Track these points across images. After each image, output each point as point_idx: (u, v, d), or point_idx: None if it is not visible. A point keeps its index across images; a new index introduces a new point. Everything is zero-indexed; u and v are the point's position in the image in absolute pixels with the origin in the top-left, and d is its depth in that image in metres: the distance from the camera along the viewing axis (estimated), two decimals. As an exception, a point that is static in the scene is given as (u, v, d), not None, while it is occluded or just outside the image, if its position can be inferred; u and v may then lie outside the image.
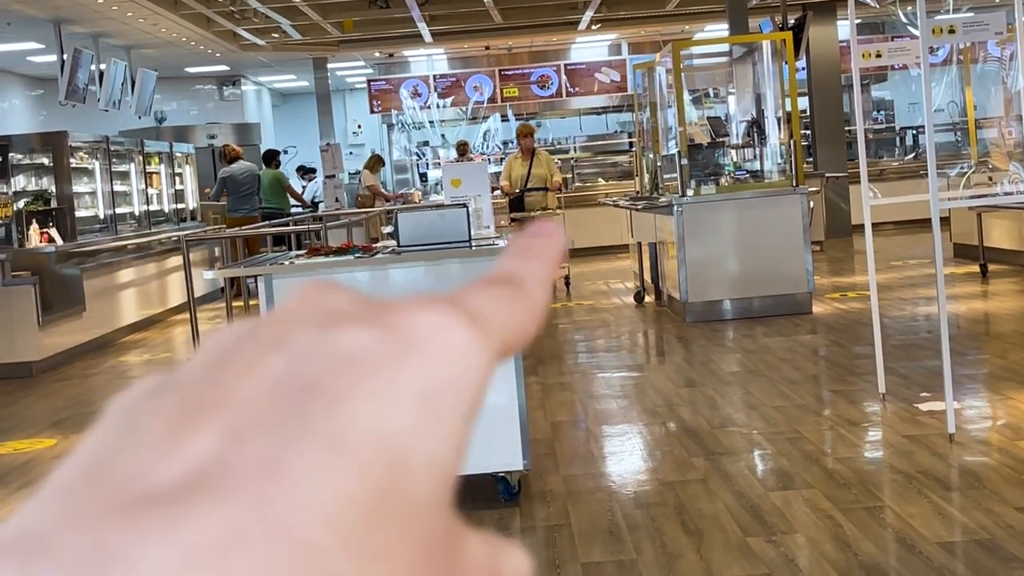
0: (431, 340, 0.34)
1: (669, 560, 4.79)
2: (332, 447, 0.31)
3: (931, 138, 6.49)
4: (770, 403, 7.42)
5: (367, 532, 0.31)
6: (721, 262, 11.18)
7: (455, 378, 0.34)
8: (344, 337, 0.34)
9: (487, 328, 0.36)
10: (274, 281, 5.68)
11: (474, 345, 0.35)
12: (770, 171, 12.48)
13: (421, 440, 0.33)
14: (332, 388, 0.32)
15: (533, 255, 0.40)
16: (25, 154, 13.69)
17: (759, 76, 13.18)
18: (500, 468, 5.72)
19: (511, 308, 0.38)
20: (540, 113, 23.66)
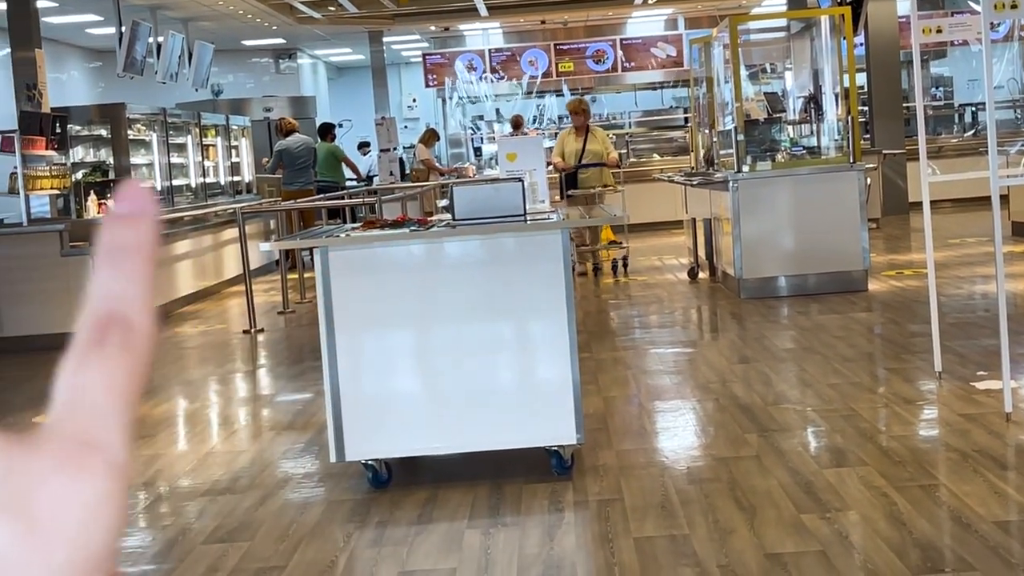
0: (69, 517, 0.36)
1: (722, 535, 4.79)
2: None
3: (991, 115, 6.42)
4: (824, 380, 7.39)
5: None
6: (776, 239, 11.12)
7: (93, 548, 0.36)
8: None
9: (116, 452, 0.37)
10: (330, 253, 5.71)
11: (109, 500, 0.36)
12: (827, 147, 12.40)
13: None
14: None
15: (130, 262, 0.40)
16: (84, 126, 13.82)
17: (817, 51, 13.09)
18: (553, 442, 5.73)
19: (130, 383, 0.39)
20: (595, 88, 23.58)
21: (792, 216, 11.13)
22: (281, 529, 5.28)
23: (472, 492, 5.60)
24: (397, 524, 5.26)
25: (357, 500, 5.64)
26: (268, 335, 11.21)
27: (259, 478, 6.15)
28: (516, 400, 5.78)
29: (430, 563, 4.76)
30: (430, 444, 5.89)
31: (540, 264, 5.75)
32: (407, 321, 5.83)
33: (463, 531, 5.10)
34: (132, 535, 5.44)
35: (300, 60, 24.53)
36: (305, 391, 8.25)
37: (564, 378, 5.72)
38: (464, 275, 5.87)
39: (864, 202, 11.19)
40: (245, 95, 22.67)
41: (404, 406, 5.79)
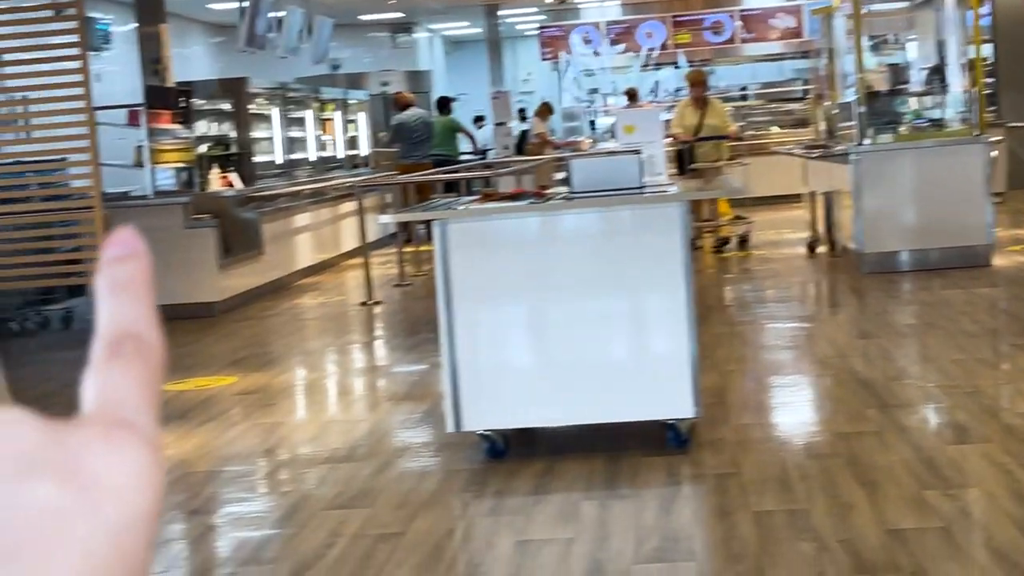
0: (113, 481, 0.38)
1: (842, 511, 4.74)
2: None
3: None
4: (947, 356, 7.27)
5: None
6: (898, 212, 10.94)
7: (137, 508, 0.38)
8: (38, 491, 0.37)
9: (144, 427, 0.39)
10: (449, 226, 5.74)
11: (148, 464, 0.38)
12: (951, 119, 12.15)
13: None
14: (35, 550, 0.36)
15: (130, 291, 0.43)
16: (207, 100, 14.03)
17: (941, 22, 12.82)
18: (670, 416, 5.72)
19: (147, 377, 0.41)
20: (713, 60, 23.35)
21: (914, 189, 10.94)
22: (400, 497, 5.34)
23: (588, 464, 5.61)
24: (514, 494, 5.30)
25: (474, 470, 5.68)
26: (385, 307, 11.31)
27: (377, 447, 6.22)
28: (633, 373, 5.77)
29: (547, 533, 4.79)
30: (546, 416, 5.91)
31: (657, 237, 5.73)
32: (524, 294, 5.85)
33: (580, 502, 5.12)
34: (254, 501, 5.55)
35: (417, 34, 24.65)
36: (421, 362, 8.32)
37: (681, 352, 5.70)
38: (581, 248, 5.87)
39: (989, 175, 10.96)
40: (362, 69, 22.83)
41: (521, 378, 5.82)
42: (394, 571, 4.46)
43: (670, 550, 4.50)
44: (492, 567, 4.48)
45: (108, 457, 0.38)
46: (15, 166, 11.63)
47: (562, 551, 4.56)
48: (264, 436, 6.57)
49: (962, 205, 10.81)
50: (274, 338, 9.97)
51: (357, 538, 4.85)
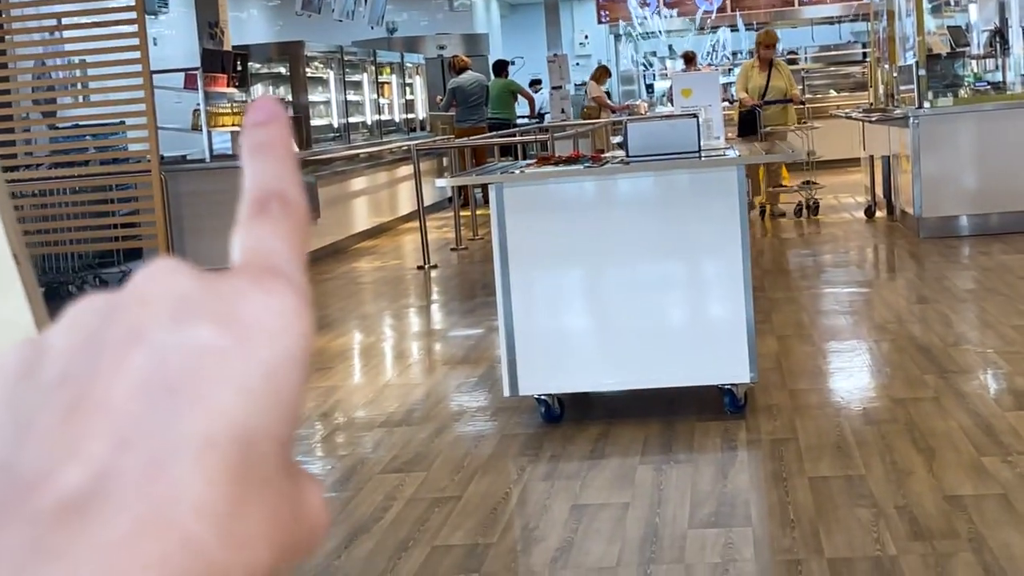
0: (267, 324, 0.39)
1: (900, 477, 4.72)
2: (201, 445, 0.37)
3: None
4: (1007, 322, 7.19)
5: (232, 514, 0.37)
6: (958, 176, 10.82)
7: (290, 351, 0.40)
8: (196, 331, 0.39)
9: (295, 278, 0.41)
10: (505, 189, 5.74)
11: (296, 308, 0.40)
12: (1012, 82, 12.00)
13: (268, 422, 0.39)
14: (194, 386, 0.38)
15: (273, 152, 0.44)
16: (263, 63, 14.07)
17: (1004, -17, 12.63)
18: (726, 381, 5.70)
19: (294, 234, 0.43)
20: (771, 22, 23.12)
21: (975, 153, 10.82)
22: (456, 461, 5.36)
23: (644, 429, 5.61)
24: (570, 459, 5.31)
25: (529, 434, 5.69)
26: (441, 271, 11.34)
27: (433, 411, 6.25)
28: (689, 338, 5.76)
29: (603, 497, 4.79)
30: (602, 380, 5.91)
31: (715, 201, 5.70)
32: (580, 258, 5.84)
33: (635, 467, 5.12)
34: (311, 464, 5.59)
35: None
36: (477, 327, 8.33)
37: (738, 316, 5.67)
38: (638, 212, 5.85)
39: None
40: (419, 33, 22.81)
41: (577, 342, 5.82)
42: (450, 534, 4.49)
43: (726, 515, 4.49)
44: (547, 531, 4.49)
45: (260, 301, 0.40)
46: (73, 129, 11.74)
47: (618, 515, 4.57)
48: (321, 400, 6.61)
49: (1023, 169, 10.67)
50: (331, 302, 10.02)
51: (413, 501, 4.88)
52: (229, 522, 0.37)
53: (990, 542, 4.02)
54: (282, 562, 0.39)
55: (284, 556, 0.39)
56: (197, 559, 0.36)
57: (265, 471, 0.39)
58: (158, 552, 0.35)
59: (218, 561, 0.37)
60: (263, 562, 0.38)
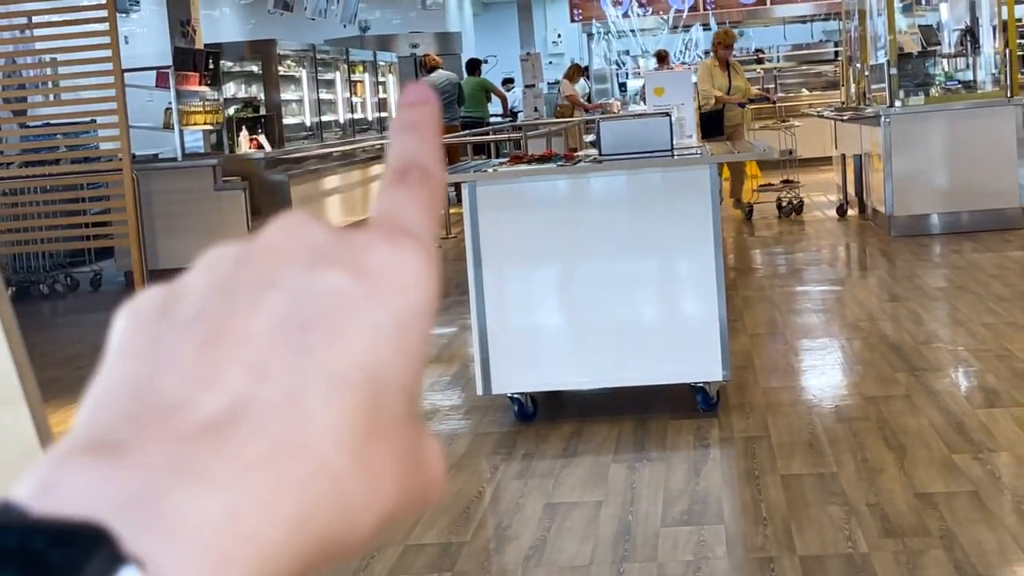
0: (396, 273, 0.41)
1: (871, 474, 4.74)
2: (333, 381, 0.39)
3: None
4: (978, 319, 7.23)
5: (363, 449, 0.39)
6: (929, 175, 10.88)
7: (418, 305, 0.41)
8: (328, 277, 0.40)
9: (425, 240, 0.43)
10: (478, 188, 5.73)
11: (425, 266, 0.42)
12: (983, 81, 12.07)
13: (395, 368, 0.40)
14: (326, 327, 0.39)
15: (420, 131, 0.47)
16: (235, 62, 14.02)
17: (974, -18, 12.70)
18: (699, 379, 5.72)
19: (428, 202, 0.44)
20: (743, 21, 23.21)
21: (946, 152, 10.87)
22: (429, 460, 5.35)
23: (617, 427, 5.61)
24: (543, 457, 5.31)
25: (503, 433, 5.69)
26: (414, 269, 11.30)
27: (407, 410, 6.23)
28: (662, 336, 5.77)
29: (576, 496, 4.80)
30: (576, 379, 5.91)
31: (687, 200, 5.71)
32: (553, 256, 5.84)
33: (608, 465, 5.13)
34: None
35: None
36: (451, 325, 8.33)
37: (710, 315, 5.69)
38: (611, 210, 5.85)
39: (1021, 138, 10.88)
40: (392, 31, 22.78)
41: (550, 341, 5.82)
42: (423, 533, 4.49)
43: (698, 513, 4.50)
44: (521, 530, 4.50)
45: (392, 255, 0.42)
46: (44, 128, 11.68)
47: (591, 514, 4.57)
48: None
49: (993, 168, 10.74)
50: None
51: (386, 500, 4.86)
52: (361, 455, 0.39)
53: (961, 539, 4.05)
54: (404, 509, 0.41)
55: (407, 502, 0.41)
56: (332, 485, 0.38)
57: (392, 415, 0.40)
58: (295, 474, 0.37)
59: (351, 491, 0.38)
60: (390, 501, 0.40)
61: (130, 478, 0.36)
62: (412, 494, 0.41)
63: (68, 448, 0.37)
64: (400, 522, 0.42)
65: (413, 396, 0.42)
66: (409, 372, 0.41)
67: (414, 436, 0.42)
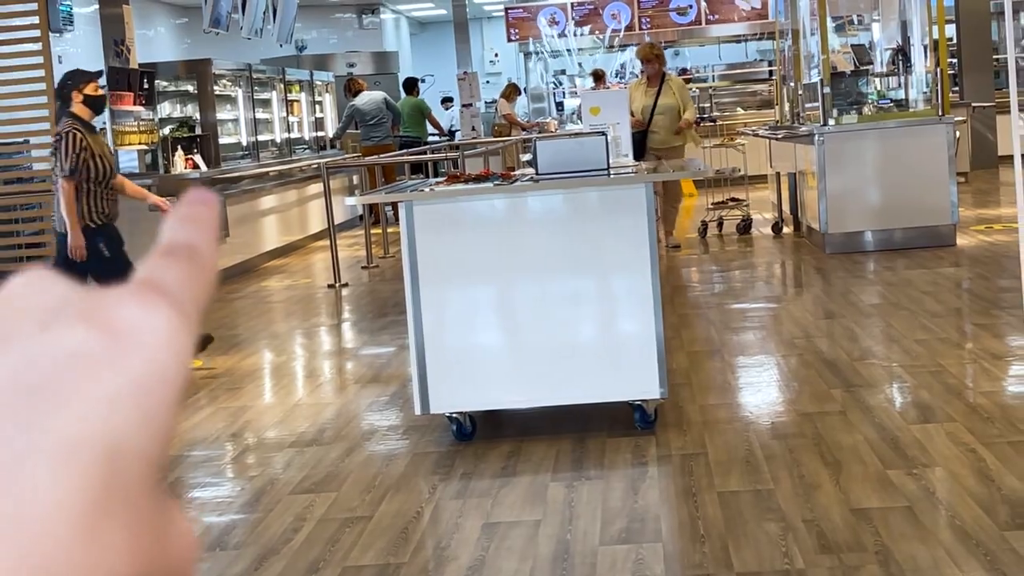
0: (141, 333, 0.38)
1: (807, 490, 4.77)
2: (64, 450, 0.36)
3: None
4: (911, 336, 7.31)
5: (95, 522, 0.36)
6: (862, 193, 10.99)
7: (165, 369, 0.39)
8: (65, 336, 0.38)
9: (181, 303, 0.40)
10: (415, 207, 5.73)
11: (176, 327, 0.39)
12: (915, 100, 12.22)
13: (135, 435, 0.38)
14: (59, 391, 0.37)
15: (196, 222, 0.45)
16: (170, 81, 13.95)
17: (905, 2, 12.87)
18: (637, 396, 5.74)
19: (193, 276, 0.42)
20: (678, 41, 23.37)
21: (879, 170, 10.99)
22: (367, 480, 5.34)
23: (556, 446, 5.62)
24: (481, 476, 5.30)
25: (441, 452, 5.68)
26: (352, 289, 11.29)
27: (345, 430, 6.22)
28: (599, 354, 5.78)
29: (514, 515, 4.80)
30: (514, 398, 5.91)
31: (623, 218, 5.73)
32: (491, 275, 5.84)
33: (547, 484, 5.13)
34: (220, 485, 5.53)
35: (383, 15, 24.55)
36: (389, 345, 8.31)
37: (648, 332, 5.71)
38: (548, 229, 5.87)
39: (953, 156, 11.03)
40: (328, 50, 22.73)
41: (488, 360, 5.82)
42: (361, 555, 4.47)
43: (636, 531, 4.51)
44: (459, 550, 4.48)
45: (141, 314, 0.39)
46: (-23, 149, 11.53)
47: (529, 533, 4.57)
48: (230, 420, 6.55)
49: (926, 185, 10.87)
50: (240, 321, 9.93)
51: (324, 522, 4.85)
52: (91, 528, 0.36)
53: (896, 555, 4.08)
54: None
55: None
56: (57, 559, 0.35)
57: (129, 487, 0.38)
58: (15, 550, 0.35)
59: (79, 566, 0.36)
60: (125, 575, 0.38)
61: None
62: (155, 567, 0.39)
63: None
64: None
65: (155, 469, 0.39)
66: (152, 441, 0.38)
67: (157, 511, 0.39)
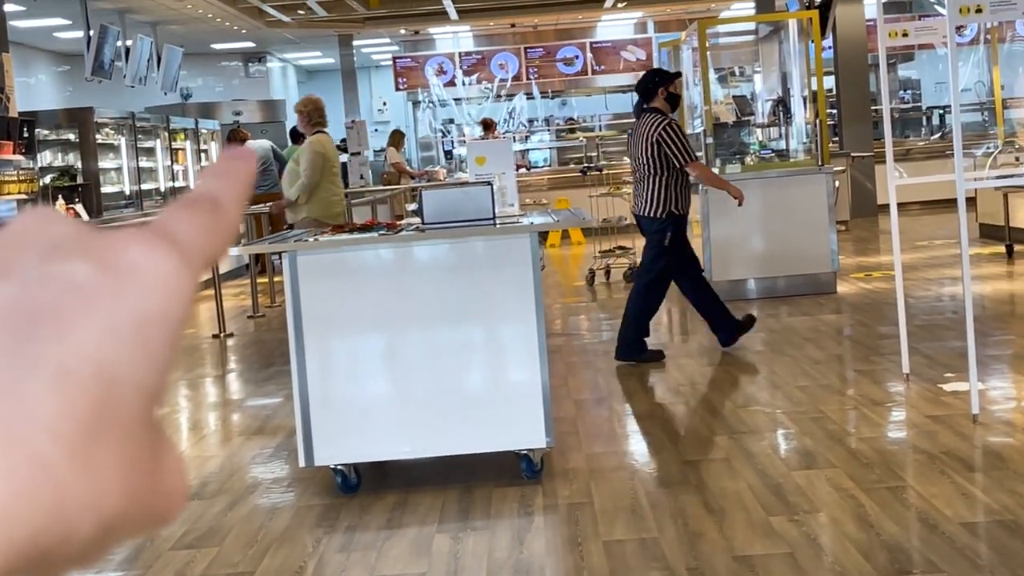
0: (143, 272, 0.39)
1: (691, 538, 4.80)
2: (58, 373, 0.37)
3: (957, 118, 6.46)
4: (794, 383, 7.41)
5: (86, 445, 0.37)
6: (746, 241, 11.15)
7: (163, 307, 0.40)
8: (67, 268, 0.39)
9: (189, 253, 0.41)
10: (299, 257, 5.69)
11: (179, 273, 0.40)
12: (795, 150, 12.44)
13: (132, 367, 0.39)
14: (57, 318, 0.37)
15: (229, 176, 0.46)
16: (52, 130, 13.74)
17: (785, 55, 13.13)
18: (523, 446, 5.73)
19: (209, 228, 0.43)
20: (565, 91, 23.61)
21: (761, 219, 11.16)
22: (250, 534, 5.26)
23: (442, 496, 5.59)
24: (366, 529, 5.26)
25: (326, 505, 5.62)
26: (238, 339, 11.17)
27: (228, 483, 6.13)
28: (486, 404, 5.78)
29: (399, 568, 4.76)
30: (399, 448, 5.88)
31: (509, 267, 5.75)
32: (376, 325, 5.82)
33: (433, 535, 5.10)
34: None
35: (270, 63, 24.46)
36: (275, 395, 8.22)
37: (534, 381, 5.72)
38: (433, 279, 5.86)
39: (833, 204, 11.24)
40: (214, 99, 22.59)
41: (373, 410, 5.78)
42: (243, 610, 4.39)
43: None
44: (343, 603, 4.43)
45: (143, 255, 0.40)
46: None
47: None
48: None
49: (807, 234, 11.06)
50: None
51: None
52: (81, 451, 0.37)
53: (778, 600, 4.11)
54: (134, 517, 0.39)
55: (137, 510, 0.39)
56: (45, 478, 0.36)
57: (124, 416, 0.38)
58: (4, 464, 0.35)
59: (66, 485, 0.36)
60: (112, 504, 0.38)
61: None
62: (143, 502, 0.39)
63: None
64: (132, 532, 0.40)
65: (152, 401, 0.40)
66: (149, 375, 0.39)
67: (151, 443, 0.40)
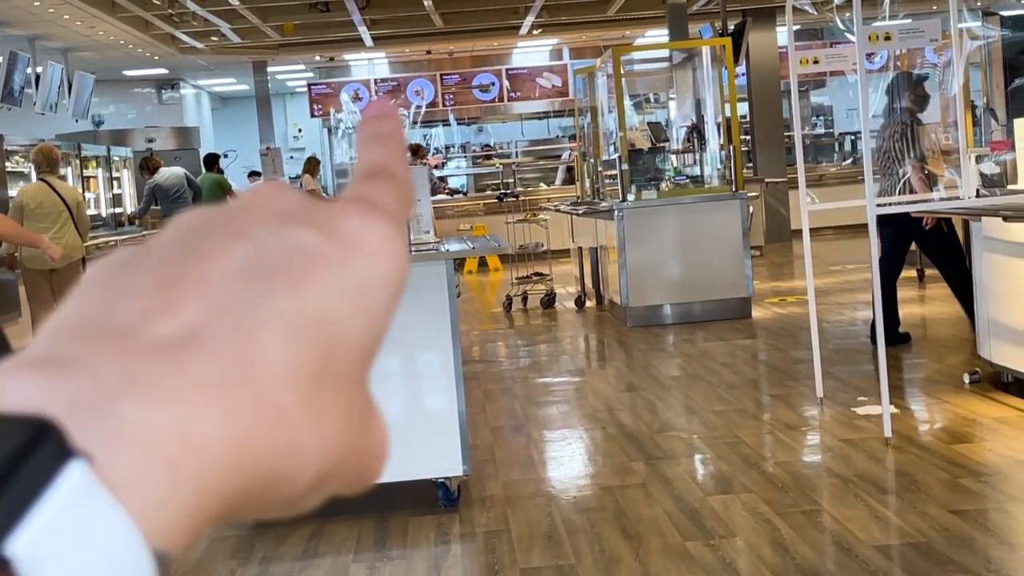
0: (365, 243, 0.42)
1: (608, 565, 4.79)
2: (290, 326, 0.39)
3: (868, 144, 6.55)
4: (709, 407, 7.45)
5: (312, 392, 0.39)
6: (661, 267, 11.21)
7: (384, 274, 0.42)
8: (297, 234, 0.41)
9: (399, 225, 0.44)
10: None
11: (395, 242, 0.43)
12: (710, 176, 12.55)
13: (352, 328, 0.41)
14: (289, 276, 0.40)
15: (386, 141, 0.48)
16: (-41, 158, 13.50)
17: (699, 82, 13.26)
18: (440, 474, 5.70)
19: (397, 195, 0.45)
20: (482, 117, 23.66)
21: (677, 244, 11.23)
22: (162, 568, 5.17)
23: (358, 525, 5.54)
24: (282, 560, 5.19)
25: (241, 536, 5.55)
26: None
27: (140, 516, 6.02)
28: (402, 432, 5.73)
29: (315, 599, 4.70)
30: (315, 478, 5.81)
31: (425, 295, 5.73)
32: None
33: (349, 565, 5.05)
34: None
35: (183, 90, 24.27)
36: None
37: (450, 409, 5.69)
38: (348, 307, 5.81)
39: (747, 230, 11.34)
40: (127, 126, 22.36)
41: (288, 440, 5.72)
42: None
43: (439, 611, 4.46)
44: (258, 637, 4.37)
45: (364, 223, 0.42)
46: None
47: (330, 617, 4.48)
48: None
49: (722, 259, 11.15)
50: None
51: (116, 612, 4.67)
52: (309, 398, 0.39)
53: (695, 626, 4.11)
54: (348, 468, 0.41)
55: (351, 461, 0.41)
56: (278, 418, 0.38)
57: (343, 372, 0.41)
58: (243, 400, 0.37)
59: (296, 428, 0.39)
60: (335, 450, 0.40)
61: (78, 385, 0.36)
62: (355, 458, 0.42)
63: (18, 361, 0.37)
64: (341, 486, 0.42)
65: (366, 366, 0.42)
66: (367, 336, 0.42)
67: (363, 403, 0.42)
